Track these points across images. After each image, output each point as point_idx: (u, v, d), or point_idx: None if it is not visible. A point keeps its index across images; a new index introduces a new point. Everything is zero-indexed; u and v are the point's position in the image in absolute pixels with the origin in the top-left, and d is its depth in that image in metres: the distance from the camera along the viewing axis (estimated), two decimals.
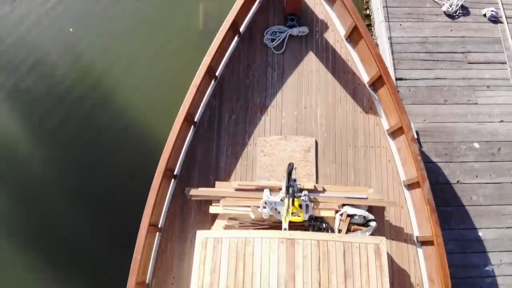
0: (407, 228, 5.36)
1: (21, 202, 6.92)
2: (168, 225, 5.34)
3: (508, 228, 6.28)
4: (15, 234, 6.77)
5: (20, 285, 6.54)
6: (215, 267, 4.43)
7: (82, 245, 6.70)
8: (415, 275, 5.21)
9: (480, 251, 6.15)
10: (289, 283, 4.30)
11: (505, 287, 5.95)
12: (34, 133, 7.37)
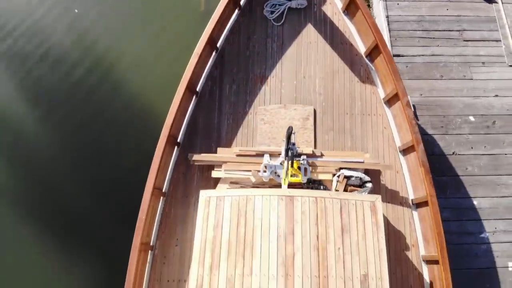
0: (403, 192, 5.56)
1: (27, 175, 7.14)
2: (172, 190, 5.55)
3: (503, 197, 6.46)
4: (21, 206, 6.97)
5: (27, 257, 6.80)
6: (218, 223, 4.64)
7: (87, 215, 6.89)
8: (410, 236, 5.40)
9: (475, 219, 6.34)
10: (288, 237, 4.51)
11: (500, 254, 6.14)
12: (39, 108, 7.60)
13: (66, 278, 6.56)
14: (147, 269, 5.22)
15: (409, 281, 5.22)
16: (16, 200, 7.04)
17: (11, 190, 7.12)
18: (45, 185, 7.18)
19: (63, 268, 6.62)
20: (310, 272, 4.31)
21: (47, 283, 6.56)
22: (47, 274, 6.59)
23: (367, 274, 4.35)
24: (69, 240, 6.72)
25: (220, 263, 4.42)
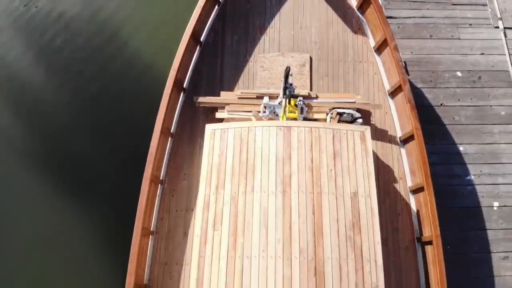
0: (391, 131, 6.06)
1: (35, 129, 7.67)
2: (179, 131, 6.06)
3: (487, 144, 6.94)
4: (31, 159, 7.50)
5: (40, 208, 7.30)
6: (222, 152, 5.14)
7: (94, 166, 7.40)
8: (398, 170, 5.90)
9: (461, 163, 6.83)
10: (286, 160, 5.01)
11: (485, 194, 6.62)
12: (47, 66, 8.16)
13: (78, 223, 7.07)
14: (157, 201, 5.76)
15: (397, 209, 5.72)
16: (33, 155, 7.57)
17: (29, 147, 7.64)
18: (51, 135, 7.70)
19: (75, 215, 7.12)
20: (305, 188, 4.82)
21: (60, 230, 7.07)
22: (60, 221, 7.08)
23: (356, 192, 4.86)
24: (80, 188, 7.25)
25: (225, 183, 4.93)
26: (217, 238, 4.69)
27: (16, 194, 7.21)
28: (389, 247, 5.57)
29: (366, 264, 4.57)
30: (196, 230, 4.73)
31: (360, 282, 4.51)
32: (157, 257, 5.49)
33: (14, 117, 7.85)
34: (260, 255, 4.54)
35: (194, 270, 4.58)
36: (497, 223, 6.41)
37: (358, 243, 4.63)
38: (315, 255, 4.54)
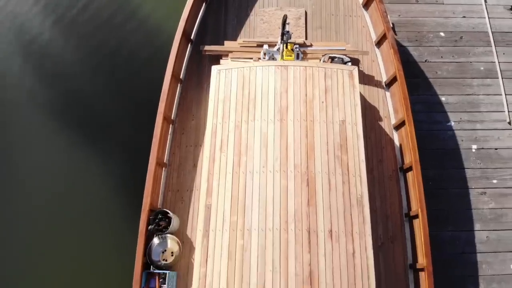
0: (377, 76, 6.79)
1: (49, 79, 8.46)
2: (187, 78, 6.81)
3: (467, 95, 7.61)
4: (46, 107, 8.25)
5: (59, 157, 8.05)
6: (227, 88, 5.83)
7: (111, 113, 8.14)
8: (383, 109, 6.64)
9: (443, 111, 7.53)
10: (283, 94, 5.73)
11: (464, 138, 7.30)
12: (66, 29, 8.92)
13: (99, 161, 7.76)
14: (169, 139, 6.50)
15: (382, 143, 6.44)
16: (53, 109, 8.31)
17: (49, 102, 8.37)
18: (64, 86, 8.46)
19: (96, 154, 7.83)
20: (299, 117, 5.55)
21: (78, 176, 7.78)
22: (77, 169, 7.81)
23: (344, 120, 5.59)
24: (99, 131, 7.97)
25: (230, 114, 5.66)
26: (223, 158, 5.42)
27: (40, 142, 7.97)
28: (374, 176, 6.30)
29: (352, 178, 5.30)
30: (205, 152, 5.46)
31: (347, 193, 5.23)
32: (169, 185, 6.24)
33: (36, 75, 8.58)
34: (261, 170, 5.27)
35: (204, 184, 5.32)
36: (475, 163, 7.13)
37: (345, 160, 5.37)
38: (307, 170, 5.27)
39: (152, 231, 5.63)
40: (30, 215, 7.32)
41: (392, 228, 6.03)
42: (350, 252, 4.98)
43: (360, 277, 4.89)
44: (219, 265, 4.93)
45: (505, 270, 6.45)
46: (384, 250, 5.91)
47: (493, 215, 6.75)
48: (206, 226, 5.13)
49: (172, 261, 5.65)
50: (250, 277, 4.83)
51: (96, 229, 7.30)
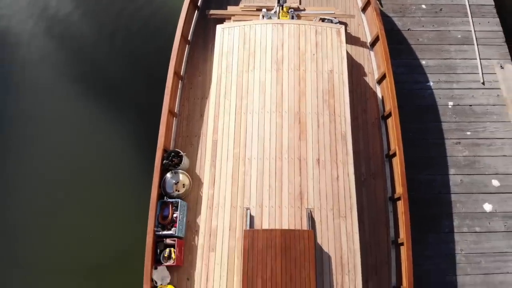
0: (363, 38, 7.67)
1: (75, 53, 9.45)
2: (194, 40, 7.73)
3: (446, 59, 8.45)
4: (65, 71, 9.24)
5: (77, 116, 8.96)
6: (229, 43, 6.73)
7: (122, 73, 9.15)
8: (367, 66, 7.52)
9: (423, 72, 8.38)
10: (279, 48, 6.55)
11: (442, 96, 8.14)
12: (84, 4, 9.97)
13: (116, 116, 8.71)
14: (178, 93, 7.40)
15: (366, 95, 7.31)
16: (69, 71, 9.29)
17: (71, 69, 9.34)
18: (80, 52, 9.47)
19: (114, 108, 8.80)
20: (293, 67, 6.43)
21: (95, 134, 8.71)
22: (94, 127, 8.74)
23: (332, 70, 6.49)
24: (113, 94, 8.94)
25: (232, 65, 6.57)
26: (227, 102, 6.32)
27: (61, 103, 8.94)
28: (359, 123, 7.18)
29: (338, 118, 6.19)
30: (211, 98, 6.36)
31: (333, 130, 6.12)
32: (180, 132, 7.13)
33: (58, 44, 9.57)
34: (259, 111, 6.17)
35: (210, 123, 6.21)
36: (451, 117, 7.99)
37: (332, 104, 6.26)
38: (299, 110, 6.16)
39: (166, 167, 6.54)
40: (52, 163, 8.28)
41: (374, 167, 6.91)
42: (334, 176, 5.87)
43: (343, 196, 5.78)
44: (224, 187, 5.83)
45: (477, 209, 7.31)
46: (367, 185, 6.80)
47: (467, 161, 7.62)
48: (213, 157, 6.03)
49: (183, 192, 6.55)
50: (250, 196, 5.73)
51: (116, 169, 8.30)
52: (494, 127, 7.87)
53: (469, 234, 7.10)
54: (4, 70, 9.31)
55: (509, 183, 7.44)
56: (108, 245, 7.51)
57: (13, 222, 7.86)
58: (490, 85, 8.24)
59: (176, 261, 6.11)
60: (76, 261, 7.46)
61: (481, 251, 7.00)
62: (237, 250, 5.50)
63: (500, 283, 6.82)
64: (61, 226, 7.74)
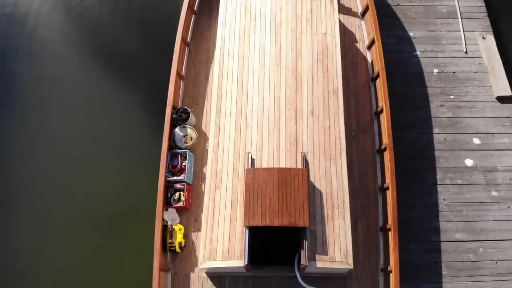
0: (354, 9, 8.32)
1: (85, 23, 10.23)
2: (200, 9, 8.37)
3: (432, 31, 9.10)
4: (86, 47, 9.97)
5: (89, 85, 9.66)
6: (232, 10, 7.34)
7: (132, 42, 9.91)
8: (358, 34, 8.15)
9: (410, 43, 9.02)
10: (277, 13, 7.19)
11: (428, 64, 8.75)
12: None
13: (122, 94, 9.43)
14: (185, 58, 8.08)
15: (357, 60, 7.96)
16: (81, 42, 10.02)
17: (81, 38, 10.06)
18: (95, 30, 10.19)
19: (123, 80, 9.53)
20: (290, 29, 7.11)
21: (105, 103, 9.39)
22: (104, 96, 9.45)
23: (325, 33, 7.16)
24: (122, 61, 9.69)
25: (235, 29, 7.23)
26: (230, 63, 6.99)
27: (73, 71, 9.67)
28: (350, 85, 7.85)
29: (330, 75, 6.86)
30: (216, 59, 7.05)
31: (326, 85, 6.79)
32: (187, 93, 7.81)
33: (66, 16, 10.31)
34: (260, 68, 6.85)
35: (215, 80, 6.89)
36: (436, 83, 8.66)
37: (325, 63, 6.94)
38: (296, 68, 6.84)
39: (175, 121, 7.21)
40: (67, 123, 9.04)
41: (363, 123, 7.58)
42: (326, 126, 6.55)
43: (334, 142, 6.46)
44: (228, 135, 6.51)
45: (459, 163, 7.96)
46: (356, 139, 7.46)
47: (450, 122, 8.28)
48: (218, 110, 6.71)
49: (191, 144, 7.22)
50: (251, 142, 6.41)
51: (129, 128, 9.07)
52: (476, 91, 8.55)
53: (451, 186, 7.78)
54: (19, 39, 10.06)
55: (488, 141, 8.11)
56: (121, 198, 8.21)
57: (32, 177, 8.57)
58: (473, 54, 8.92)
59: (185, 203, 6.79)
60: (92, 214, 8.14)
61: (463, 201, 7.67)
62: (239, 188, 6.18)
63: (480, 229, 7.49)
64: (77, 181, 8.45)
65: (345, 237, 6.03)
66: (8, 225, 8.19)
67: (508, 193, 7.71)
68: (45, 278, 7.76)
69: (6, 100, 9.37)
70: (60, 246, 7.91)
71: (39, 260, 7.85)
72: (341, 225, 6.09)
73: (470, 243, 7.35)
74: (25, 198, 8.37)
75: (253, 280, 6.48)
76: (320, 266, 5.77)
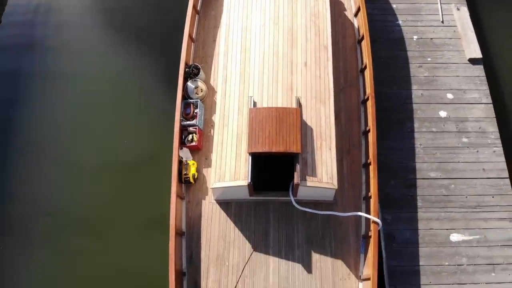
0: None
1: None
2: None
3: (412, 4, 10.21)
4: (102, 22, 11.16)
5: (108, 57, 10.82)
6: None
7: (146, 15, 11.12)
8: (347, 4, 9.27)
9: (394, 14, 10.14)
10: None
11: (408, 31, 9.93)
12: None
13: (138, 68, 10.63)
14: (196, 24, 9.20)
15: (345, 25, 9.07)
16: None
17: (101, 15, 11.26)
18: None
19: (140, 49, 10.70)
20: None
21: (126, 60, 10.58)
22: (126, 59, 10.60)
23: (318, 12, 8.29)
24: (139, 37, 10.87)
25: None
26: (235, 24, 8.13)
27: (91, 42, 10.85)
28: (339, 47, 8.94)
29: (321, 33, 7.98)
30: (223, 22, 8.19)
31: (317, 42, 7.91)
32: (197, 54, 8.92)
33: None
34: (260, 27, 7.97)
35: (222, 40, 8.03)
36: (415, 47, 9.75)
37: (317, 24, 8.04)
38: (292, 27, 7.96)
39: (188, 75, 8.33)
40: (89, 83, 10.28)
41: (350, 79, 8.67)
42: (317, 75, 7.67)
43: (323, 89, 7.58)
44: (233, 83, 7.64)
45: (435, 115, 9.06)
46: (344, 92, 8.55)
47: (427, 80, 9.39)
48: (225, 62, 7.86)
49: (201, 95, 8.34)
50: (253, 88, 7.54)
51: (146, 85, 10.30)
52: (450, 54, 9.66)
53: (427, 133, 8.88)
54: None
55: (460, 96, 9.22)
56: (140, 147, 9.38)
57: (64, 128, 9.82)
58: (448, 23, 10.04)
59: (197, 143, 7.91)
60: (114, 161, 9.32)
61: (437, 146, 8.78)
62: (243, 124, 7.29)
63: (452, 169, 8.58)
64: (99, 132, 9.67)
65: (331, 165, 7.14)
66: (42, 169, 9.39)
67: (477, 140, 8.82)
68: (74, 215, 8.91)
69: (38, 63, 10.66)
70: (87, 187, 9.09)
71: (69, 199, 9.02)
72: (328, 155, 7.20)
73: (442, 180, 8.47)
74: (57, 146, 9.60)
75: (254, 204, 7.60)
76: (310, 185, 6.89)
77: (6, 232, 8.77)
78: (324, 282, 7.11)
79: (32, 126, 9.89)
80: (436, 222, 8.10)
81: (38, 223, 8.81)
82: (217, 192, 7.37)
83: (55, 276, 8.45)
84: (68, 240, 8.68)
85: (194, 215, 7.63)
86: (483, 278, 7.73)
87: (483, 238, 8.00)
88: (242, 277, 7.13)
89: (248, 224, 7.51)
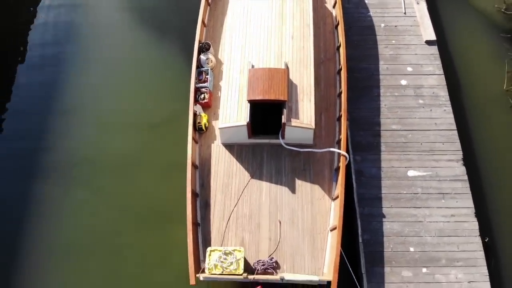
0: None
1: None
2: None
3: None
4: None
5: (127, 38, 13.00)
6: None
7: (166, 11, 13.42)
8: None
9: (366, 7, 12.34)
10: None
11: (377, 21, 12.11)
12: None
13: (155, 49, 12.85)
14: (207, 13, 11.36)
15: (325, 14, 11.27)
16: None
17: None
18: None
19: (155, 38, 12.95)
20: None
21: (150, 47, 12.77)
22: (149, 42, 12.82)
23: None
24: (160, 27, 13.10)
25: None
26: (237, 10, 10.29)
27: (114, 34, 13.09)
28: (321, 31, 11.09)
29: (305, 14, 10.13)
30: (229, 9, 10.35)
31: (302, 21, 10.06)
32: (208, 35, 11.08)
33: None
34: (257, 10, 10.13)
35: (229, 19, 10.15)
36: (383, 33, 11.87)
37: (302, 7, 10.22)
38: (281, 9, 10.13)
39: (201, 49, 10.46)
40: (117, 62, 12.44)
41: (329, 54, 10.77)
42: (301, 46, 9.83)
43: (306, 57, 9.69)
44: (236, 52, 9.73)
45: (397, 82, 11.12)
46: (324, 65, 10.65)
47: (391, 57, 11.50)
48: (230, 36, 9.96)
49: (211, 65, 10.49)
50: (252, 55, 9.64)
51: (165, 59, 12.44)
52: (410, 38, 11.80)
53: (391, 96, 10.91)
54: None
55: (418, 69, 11.31)
56: (162, 109, 11.52)
57: (96, 94, 12.07)
58: (409, 14, 12.21)
59: (208, 100, 9.96)
60: (140, 120, 11.43)
61: (398, 105, 10.80)
62: (244, 82, 9.33)
63: (410, 123, 10.57)
64: (124, 99, 11.86)
65: (310, 112, 9.16)
66: (82, 127, 11.58)
67: (430, 101, 10.84)
68: (107, 163, 11.01)
69: (72, 49, 12.99)
70: (118, 141, 11.22)
71: (104, 148, 11.14)
72: (308, 105, 9.22)
73: (402, 132, 10.44)
74: (92, 107, 11.85)
75: (252, 146, 9.58)
76: (293, 125, 8.91)
77: (56, 176, 10.82)
78: (304, 201, 9.01)
79: (73, 92, 12.21)
80: (397, 162, 10.04)
81: (80, 168, 10.89)
82: (223, 134, 9.36)
83: (93, 208, 10.44)
84: (103, 181, 10.75)
85: (205, 155, 9.61)
86: (434, 203, 9.61)
87: (434, 174, 9.90)
88: (242, 198, 9.04)
89: (247, 160, 9.49)
